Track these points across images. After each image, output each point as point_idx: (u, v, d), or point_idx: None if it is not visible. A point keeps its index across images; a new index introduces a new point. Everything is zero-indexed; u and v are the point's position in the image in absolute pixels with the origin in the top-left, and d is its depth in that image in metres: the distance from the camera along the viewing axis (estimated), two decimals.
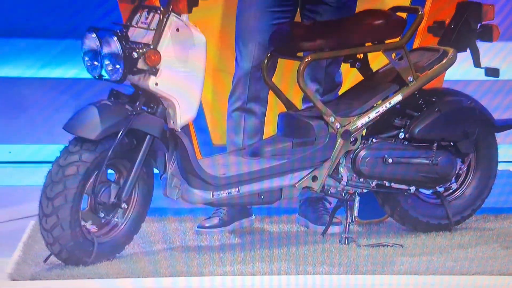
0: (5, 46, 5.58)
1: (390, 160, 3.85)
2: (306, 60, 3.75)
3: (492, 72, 4.04)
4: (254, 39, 4.00)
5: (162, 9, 3.51)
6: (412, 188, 3.93)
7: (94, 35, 3.51)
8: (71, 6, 5.49)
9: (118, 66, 3.46)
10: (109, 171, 3.61)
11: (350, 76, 4.38)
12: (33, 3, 5.44)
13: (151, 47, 3.43)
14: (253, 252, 3.85)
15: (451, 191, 4.10)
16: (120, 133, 3.44)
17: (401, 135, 3.94)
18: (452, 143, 3.98)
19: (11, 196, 4.84)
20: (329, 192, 3.90)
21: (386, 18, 3.94)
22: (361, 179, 3.88)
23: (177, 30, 3.50)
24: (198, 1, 3.59)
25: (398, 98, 3.89)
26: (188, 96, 3.57)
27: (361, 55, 3.96)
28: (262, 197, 3.81)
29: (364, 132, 3.92)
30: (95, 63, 3.55)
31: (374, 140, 3.90)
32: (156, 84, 3.48)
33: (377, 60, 4.44)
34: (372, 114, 3.89)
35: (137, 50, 3.44)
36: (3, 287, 3.55)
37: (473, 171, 4.15)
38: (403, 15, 4.01)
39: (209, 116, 4.48)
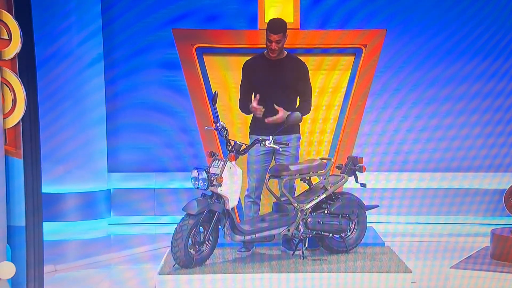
0: None
1: (321, 222, 5.69)
2: (285, 179, 5.71)
3: (363, 185, 5.97)
4: (255, 174, 5.88)
5: (224, 159, 5.48)
6: (331, 234, 5.80)
7: (196, 170, 5.41)
8: None
9: (205, 183, 5.40)
10: (200, 227, 5.42)
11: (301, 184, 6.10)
12: None
13: (219, 175, 5.39)
14: (262, 262, 5.72)
15: (348, 235, 5.93)
16: (205, 211, 5.34)
17: (325, 212, 5.78)
18: (347, 215, 5.81)
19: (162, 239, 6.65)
20: (295, 236, 5.64)
21: (319, 162, 5.81)
22: (309, 230, 5.67)
23: (230, 168, 5.46)
24: (239, 156, 5.49)
25: (324, 195, 5.80)
26: (234, 195, 5.47)
27: (308, 177, 5.87)
28: (266, 238, 5.60)
29: (310, 210, 5.70)
30: (196, 182, 5.46)
31: (314, 213, 5.74)
32: (221, 190, 5.41)
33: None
34: (313, 203, 5.74)
35: (213, 177, 5.40)
36: (154, 278, 5.38)
37: (356, 226, 5.96)
38: (325, 161, 5.88)
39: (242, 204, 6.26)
